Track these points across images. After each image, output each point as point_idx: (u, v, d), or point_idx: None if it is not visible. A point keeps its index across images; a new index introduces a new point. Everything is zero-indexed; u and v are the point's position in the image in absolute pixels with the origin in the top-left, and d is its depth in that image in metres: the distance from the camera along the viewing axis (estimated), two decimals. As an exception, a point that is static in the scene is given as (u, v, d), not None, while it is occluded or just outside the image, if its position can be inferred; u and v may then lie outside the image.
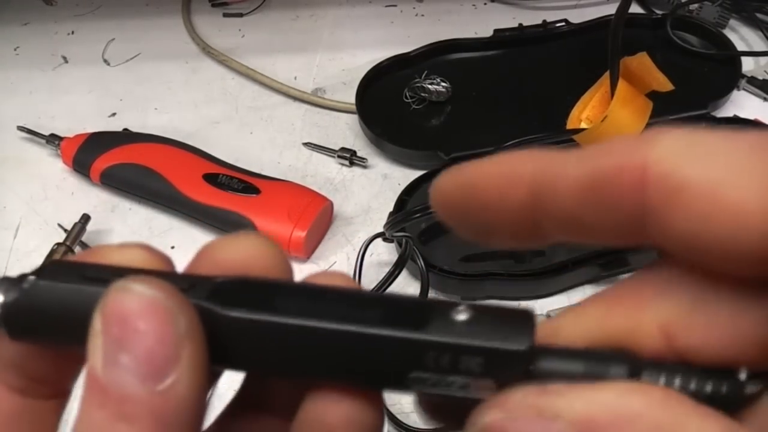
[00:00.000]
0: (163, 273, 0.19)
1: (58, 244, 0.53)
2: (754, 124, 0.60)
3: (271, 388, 0.22)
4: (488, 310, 0.17)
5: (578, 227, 0.18)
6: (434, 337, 0.17)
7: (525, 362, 0.17)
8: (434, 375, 0.17)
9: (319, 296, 0.18)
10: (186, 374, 0.17)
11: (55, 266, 0.19)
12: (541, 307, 0.51)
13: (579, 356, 0.17)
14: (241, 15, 0.76)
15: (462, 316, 0.17)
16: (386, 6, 0.77)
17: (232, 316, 0.18)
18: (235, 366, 0.19)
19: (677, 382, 0.17)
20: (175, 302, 0.17)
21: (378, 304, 0.18)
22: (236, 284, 0.18)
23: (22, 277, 0.18)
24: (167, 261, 0.20)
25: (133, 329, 0.16)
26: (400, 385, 0.17)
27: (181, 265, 0.22)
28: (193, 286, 0.18)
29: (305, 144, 0.63)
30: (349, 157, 0.61)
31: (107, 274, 0.18)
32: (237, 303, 0.18)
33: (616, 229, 0.17)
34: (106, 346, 0.17)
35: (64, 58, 0.73)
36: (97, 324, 0.17)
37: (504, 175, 0.18)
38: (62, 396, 0.20)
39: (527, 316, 0.17)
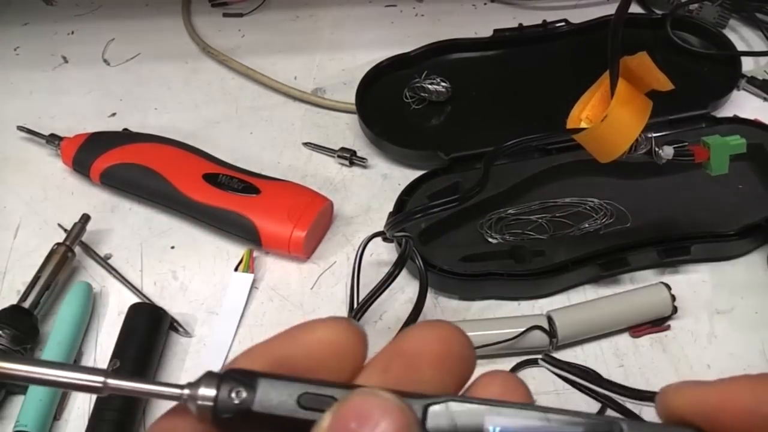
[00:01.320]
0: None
1: (58, 244, 0.53)
2: (754, 124, 0.60)
3: None
4: None
5: None
6: None
7: None
8: None
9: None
10: None
11: (268, 383, 0.20)
12: (541, 307, 0.51)
13: None
14: (241, 15, 0.76)
15: None
16: (386, 6, 0.77)
17: None
18: None
19: None
20: (412, 415, 0.18)
21: None
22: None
23: (233, 379, 0.20)
24: (364, 340, 0.21)
25: (374, 427, 0.18)
26: None
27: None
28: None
29: (305, 144, 0.63)
30: (349, 157, 0.61)
31: (321, 401, 0.19)
32: None
33: None
34: None
35: (64, 58, 0.73)
36: (325, 421, 0.18)
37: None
38: None
39: None
